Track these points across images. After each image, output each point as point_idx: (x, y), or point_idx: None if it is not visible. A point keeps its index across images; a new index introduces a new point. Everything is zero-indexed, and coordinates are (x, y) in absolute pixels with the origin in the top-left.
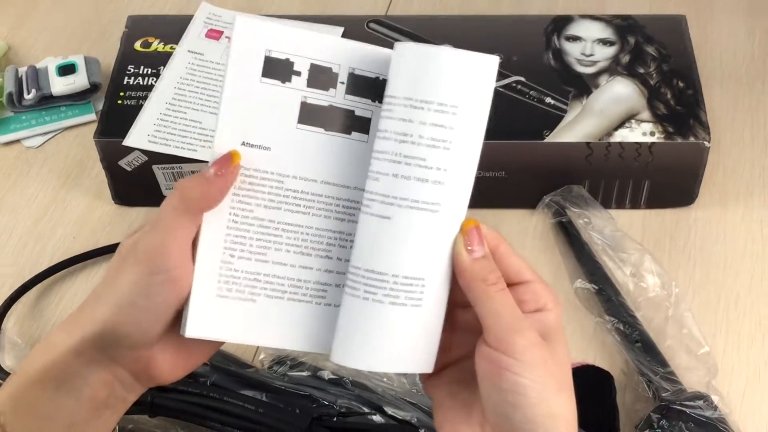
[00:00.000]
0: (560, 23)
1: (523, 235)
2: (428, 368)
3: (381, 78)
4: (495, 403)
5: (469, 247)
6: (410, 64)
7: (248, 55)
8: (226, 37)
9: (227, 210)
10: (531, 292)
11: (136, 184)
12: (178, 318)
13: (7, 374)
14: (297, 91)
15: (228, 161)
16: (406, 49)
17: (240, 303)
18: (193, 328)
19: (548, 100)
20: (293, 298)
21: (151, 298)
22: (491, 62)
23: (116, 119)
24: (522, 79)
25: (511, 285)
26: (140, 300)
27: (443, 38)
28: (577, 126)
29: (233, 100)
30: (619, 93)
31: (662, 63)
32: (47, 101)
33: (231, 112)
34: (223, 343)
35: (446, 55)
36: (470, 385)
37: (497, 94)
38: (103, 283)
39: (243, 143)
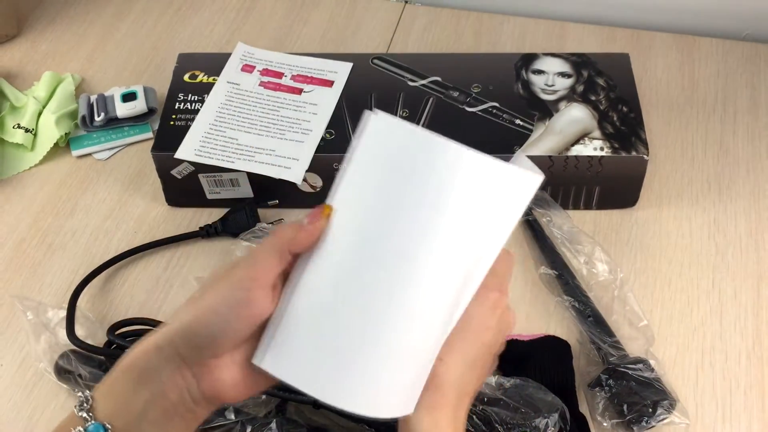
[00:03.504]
0: (528, 59)
1: None
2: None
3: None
4: None
5: None
6: None
7: (375, 150)
8: (258, 71)
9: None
10: None
11: (185, 189)
12: (250, 343)
13: (81, 342)
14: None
15: (319, 213)
16: None
17: (309, 352)
18: (262, 360)
19: (518, 121)
20: (365, 359)
21: (230, 310)
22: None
23: (169, 137)
24: (497, 104)
25: None
26: (221, 309)
27: (434, 71)
28: (541, 143)
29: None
30: (575, 116)
31: (610, 92)
32: (113, 122)
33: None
34: None
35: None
36: None
37: (478, 116)
38: (195, 295)
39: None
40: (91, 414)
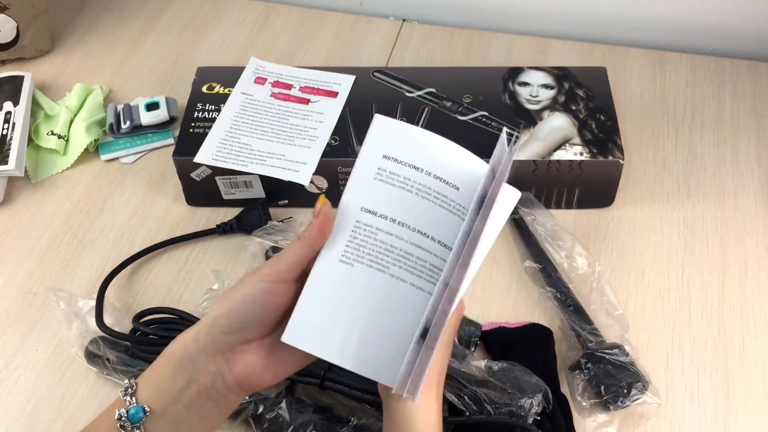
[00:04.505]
0: (514, 72)
1: None
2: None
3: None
4: None
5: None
6: None
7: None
8: (269, 83)
9: (341, 248)
10: None
11: (203, 190)
12: (277, 333)
13: (109, 329)
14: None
15: (318, 208)
16: None
17: (336, 327)
18: (290, 336)
19: (505, 128)
20: (384, 333)
21: (256, 299)
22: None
23: (188, 143)
24: (486, 113)
25: None
26: (248, 299)
27: (429, 83)
28: (526, 148)
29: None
30: (557, 124)
31: (589, 102)
32: (138, 130)
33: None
34: (311, 358)
35: None
36: None
37: (469, 124)
38: (227, 291)
39: (361, 208)
40: (134, 398)
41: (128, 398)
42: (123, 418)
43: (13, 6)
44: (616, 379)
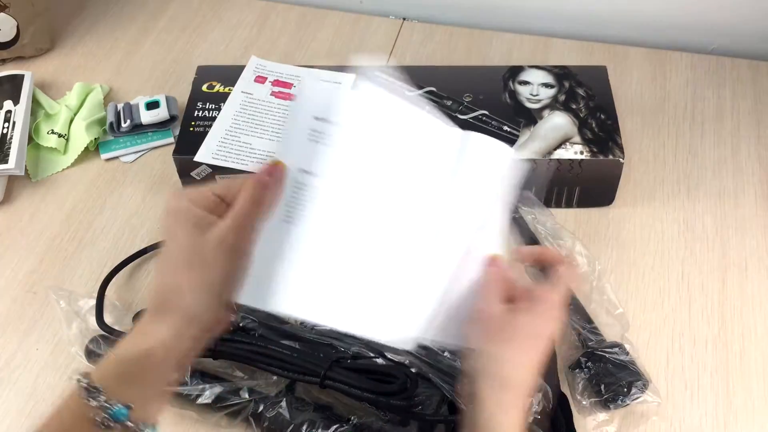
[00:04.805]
0: (514, 71)
1: None
2: None
3: None
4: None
5: None
6: None
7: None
8: (270, 81)
9: (283, 209)
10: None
11: None
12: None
13: (110, 327)
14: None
15: (274, 170)
16: None
17: (286, 281)
18: (245, 299)
19: (505, 127)
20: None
21: (234, 276)
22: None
23: (189, 142)
24: (486, 112)
25: None
26: (227, 279)
27: (429, 82)
28: (527, 147)
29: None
30: (557, 123)
31: (589, 101)
32: (138, 128)
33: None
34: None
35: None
36: None
37: (470, 123)
38: (188, 266)
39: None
40: (111, 401)
41: (103, 403)
42: (106, 420)
43: (14, 5)
44: (616, 378)
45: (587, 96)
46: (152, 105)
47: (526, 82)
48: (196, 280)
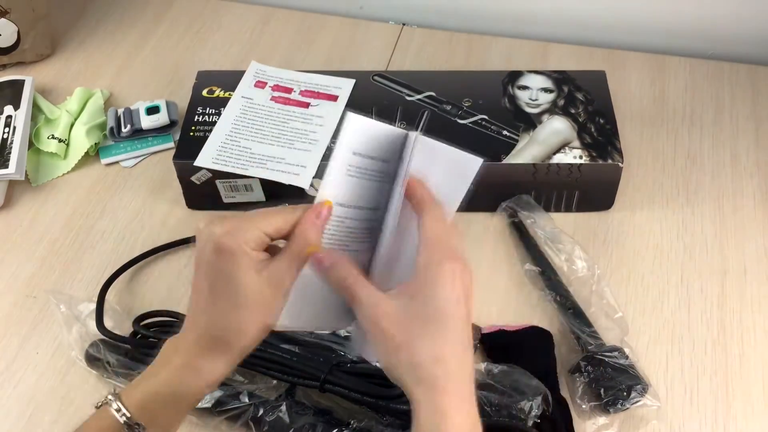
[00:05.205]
0: (514, 76)
1: (486, 232)
2: None
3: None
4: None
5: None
6: None
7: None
8: (270, 87)
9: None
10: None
11: (203, 194)
12: None
13: (109, 332)
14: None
15: (322, 206)
16: None
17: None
18: (282, 324)
19: (505, 132)
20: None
21: (263, 323)
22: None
23: (189, 146)
24: (485, 117)
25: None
26: (254, 326)
27: (429, 87)
28: (526, 151)
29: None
30: (557, 127)
31: (588, 105)
32: (138, 133)
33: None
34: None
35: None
36: None
37: (469, 128)
38: (221, 302)
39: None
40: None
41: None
42: None
43: (14, 10)
44: (615, 382)
45: (586, 100)
46: (152, 110)
47: (525, 87)
48: (259, 320)
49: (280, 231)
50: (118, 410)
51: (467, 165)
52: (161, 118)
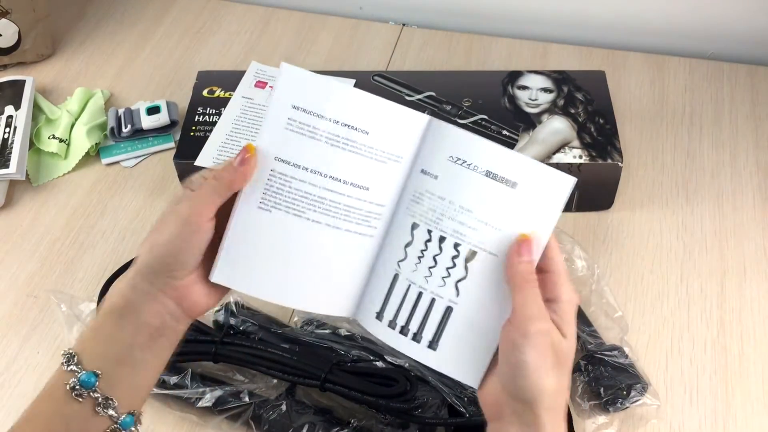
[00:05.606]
0: (514, 76)
1: None
2: None
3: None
4: (504, 372)
5: (519, 255)
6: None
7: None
8: (270, 86)
9: (259, 195)
10: (550, 282)
11: None
12: (206, 263)
13: None
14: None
15: (246, 155)
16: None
17: (257, 264)
18: (213, 275)
19: (504, 132)
20: (304, 263)
21: (184, 240)
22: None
23: (189, 146)
24: (485, 117)
25: (540, 271)
26: (176, 240)
27: (429, 87)
28: (526, 151)
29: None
30: (556, 127)
31: (588, 105)
32: (139, 133)
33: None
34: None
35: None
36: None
37: (469, 128)
38: (151, 233)
39: (275, 158)
40: (79, 366)
41: (73, 367)
42: (77, 387)
43: (15, 11)
44: (615, 381)
45: (586, 100)
46: (153, 110)
47: (525, 87)
48: (152, 239)
49: (222, 194)
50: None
51: (557, 184)
52: (162, 118)
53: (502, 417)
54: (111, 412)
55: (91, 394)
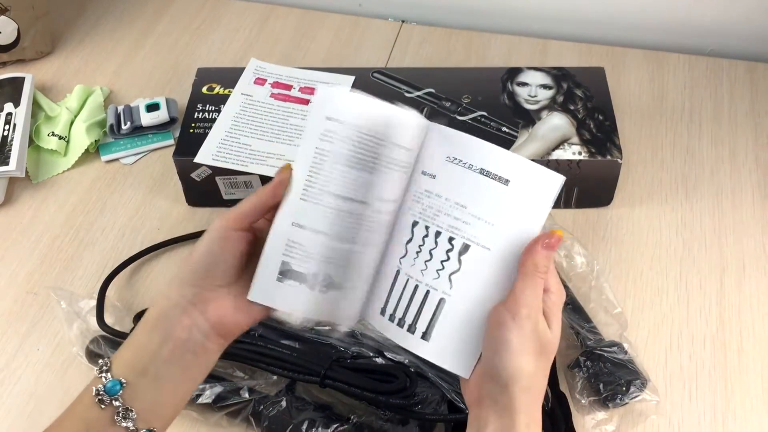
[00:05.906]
0: (513, 73)
1: None
2: None
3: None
4: (486, 352)
5: (547, 241)
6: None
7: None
8: (269, 83)
9: (292, 213)
10: None
11: (203, 190)
12: (243, 279)
13: (110, 328)
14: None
15: (281, 171)
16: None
17: (294, 285)
18: (255, 294)
19: (504, 128)
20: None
21: (214, 248)
22: None
23: (189, 143)
24: (485, 113)
25: None
26: (207, 250)
27: (428, 84)
28: (525, 148)
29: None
30: (556, 124)
31: (587, 102)
32: (138, 131)
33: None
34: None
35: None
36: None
37: (468, 124)
38: (189, 252)
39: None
40: (108, 373)
41: (103, 375)
42: (101, 393)
43: (14, 8)
44: (615, 377)
45: (585, 97)
46: (152, 107)
47: (524, 84)
48: (191, 253)
49: (254, 208)
50: (103, 371)
51: (546, 182)
52: (161, 115)
53: (481, 402)
54: (128, 424)
55: (113, 402)
